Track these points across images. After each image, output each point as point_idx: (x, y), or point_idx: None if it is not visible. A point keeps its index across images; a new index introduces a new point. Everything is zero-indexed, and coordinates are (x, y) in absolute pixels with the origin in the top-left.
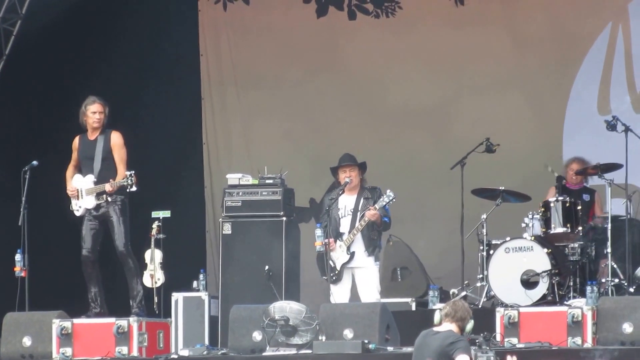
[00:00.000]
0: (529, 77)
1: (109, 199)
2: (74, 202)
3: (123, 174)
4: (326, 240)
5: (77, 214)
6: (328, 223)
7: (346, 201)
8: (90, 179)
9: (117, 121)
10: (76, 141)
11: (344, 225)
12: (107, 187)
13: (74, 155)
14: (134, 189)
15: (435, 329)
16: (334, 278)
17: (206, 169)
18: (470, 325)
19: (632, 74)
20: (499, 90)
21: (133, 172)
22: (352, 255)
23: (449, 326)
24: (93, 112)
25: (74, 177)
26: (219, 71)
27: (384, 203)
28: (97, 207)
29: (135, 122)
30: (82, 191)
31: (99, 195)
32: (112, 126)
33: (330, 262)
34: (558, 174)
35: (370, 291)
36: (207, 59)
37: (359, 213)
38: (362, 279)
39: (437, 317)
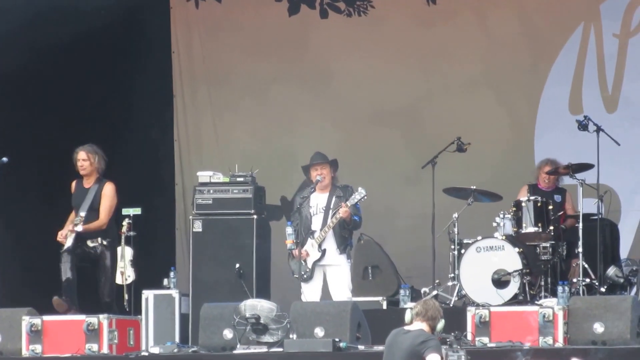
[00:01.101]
0: (500, 77)
1: (104, 242)
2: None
3: (103, 221)
4: (295, 245)
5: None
6: (299, 221)
7: (318, 199)
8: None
9: (88, 118)
10: (73, 186)
11: (316, 223)
12: (79, 227)
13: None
14: (79, 228)
15: (406, 327)
16: (305, 276)
17: (177, 167)
18: (441, 324)
19: (604, 74)
20: (470, 90)
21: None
22: (323, 252)
23: (420, 325)
24: (78, 160)
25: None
26: (191, 68)
27: (356, 200)
28: (89, 249)
29: (107, 119)
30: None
31: (92, 239)
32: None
33: (302, 261)
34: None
35: (342, 289)
36: (179, 56)
37: (330, 211)
38: (334, 277)
39: (408, 316)
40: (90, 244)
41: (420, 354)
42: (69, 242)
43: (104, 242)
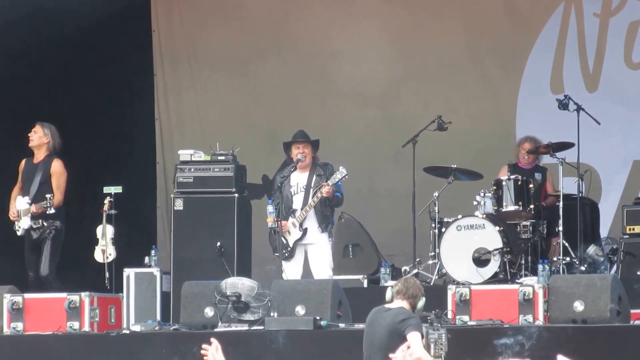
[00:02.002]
0: (482, 56)
1: (45, 223)
2: (16, 223)
3: (59, 200)
4: (276, 224)
5: (18, 233)
6: (280, 200)
7: (298, 178)
8: (26, 200)
9: (69, 97)
10: (22, 164)
11: (297, 203)
12: (33, 208)
13: (19, 177)
14: (52, 210)
15: (387, 306)
16: (286, 255)
17: (158, 145)
18: (421, 302)
19: (585, 53)
20: (452, 69)
21: (52, 195)
22: (304, 231)
23: (401, 303)
24: (30, 133)
25: (17, 199)
26: (171, 48)
27: (337, 179)
28: (33, 231)
29: (88, 98)
30: (20, 212)
31: (34, 218)
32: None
33: (283, 239)
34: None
35: (323, 268)
36: (159, 35)
37: (311, 190)
38: (315, 255)
39: (388, 294)
40: (40, 221)
41: (401, 332)
42: (26, 223)
43: (53, 219)
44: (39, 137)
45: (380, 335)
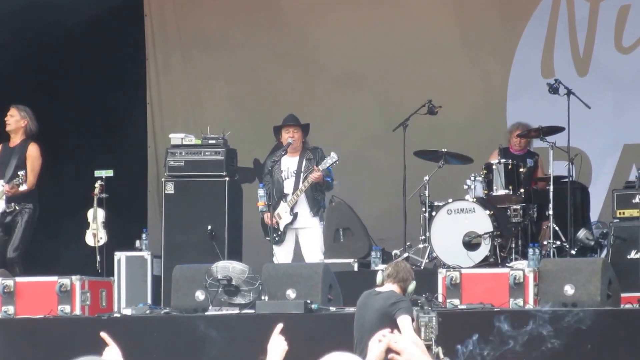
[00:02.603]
0: (473, 40)
1: (17, 207)
2: None
3: (32, 183)
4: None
5: None
6: (271, 185)
7: (289, 163)
8: (0, 184)
9: (62, 81)
10: None
11: (288, 187)
12: (6, 187)
13: None
14: (24, 187)
15: (378, 289)
16: (277, 239)
17: (150, 129)
18: (412, 286)
19: (576, 37)
20: (442, 53)
21: (24, 171)
22: (295, 216)
23: (391, 287)
24: (6, 117)
25: None
26: (163, 32)
27: (327, 165)
28: (5, 215)
29: (80, 82)
30: None
31: (8, 201)
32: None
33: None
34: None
35: (314, 252)
36: (151, 19)
37: (302, 174)
38: (307, 239)
39: (379, 278)
40: (12, 204)
41: (391, 315)
42: (0, 207)
43: (26, 201)
44: (16, 121)
45: (371, 318)
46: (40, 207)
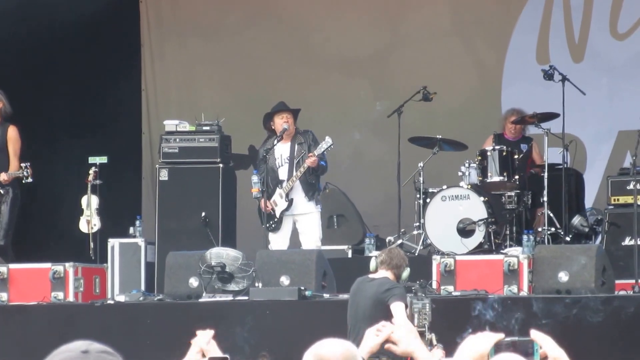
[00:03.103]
0: (468, 26)
1: (1, 191)
2: None
3: (16, 167)
4: (261, 193)
5: None
6: (266, 173)
7: (281, 150)
8: None
9: (57, 67)
10: None
11: (282, 174)
12: (3, 176)
13: None
14: (29, 180)
15: (371, 276)
16: (273, 226)
17: (144, 116)
18: (406, 272)
19: (571, 24)
20: (438, 39)
21: (28, 163)
22: (290, 202)
23: (385, 273)
24: None
25: None
26: (159, 18)
27: (323, 149)
28: None
29: (74, 67)
30: None
31: None
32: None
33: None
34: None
35: (312, 238)
36: (147, 5)
37: (295, 159)
38: (304, 225)
39: (372, 265)
40: None
41: (385, 302)
42: None
43: (9, 186)
44: None
45: (365, 305)
46: (34, 194)
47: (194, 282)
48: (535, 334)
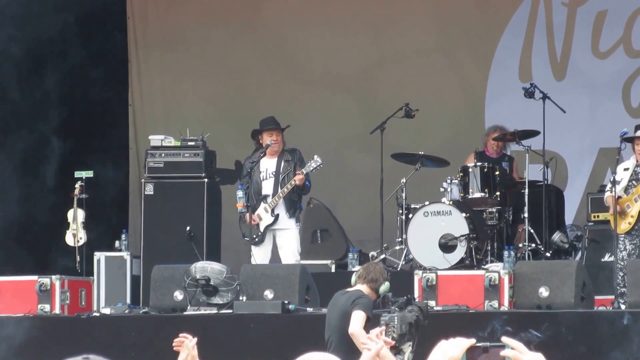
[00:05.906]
0: (452, 44)
1: None
2: None
3: None
4: (246, 208)
5: None
6: (250, 186)
7: (267, 164)
8: None
9: (44, 81)
10: None
11: (266, 188)
12: None
13: None
14: None
15: (347, 289)
16: (256, 240)
17: (131, 131)
18: (384, 286)
19: (553, 42)
20: (421, 57)
21: None
22: (276, 217)
23: (361, 287)
24: None
25: None
26: (145, 33)
27: (312, 168)
28: None
29: (61, 82)
30: None
31: None
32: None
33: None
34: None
35: (291, 253)
36: (134, 21)
37: (280, 175)
38: (283, 240)
39: (353, 280)
40: None
41: (350, 313)
42: None
43: None
44: None
45: (335, 317)
46: (21, 208)
47: (179, 295)
48: (507, 339)
